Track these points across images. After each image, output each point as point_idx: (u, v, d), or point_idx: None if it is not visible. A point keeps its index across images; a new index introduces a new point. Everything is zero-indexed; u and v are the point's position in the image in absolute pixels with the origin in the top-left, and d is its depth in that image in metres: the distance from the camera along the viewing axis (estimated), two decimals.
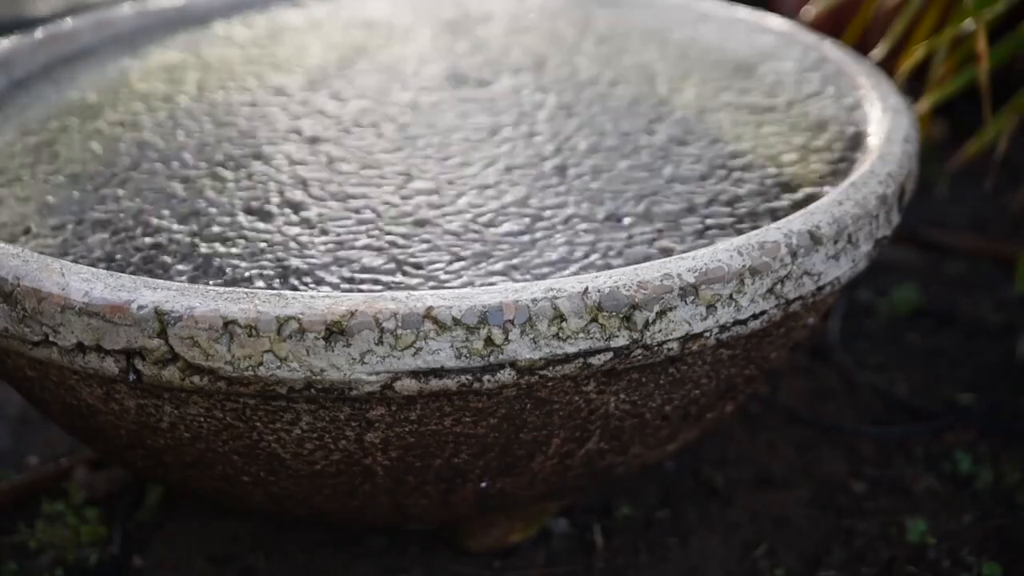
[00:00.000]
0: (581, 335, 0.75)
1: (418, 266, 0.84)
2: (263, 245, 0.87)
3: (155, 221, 0.90)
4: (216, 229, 0.89)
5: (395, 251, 0.86)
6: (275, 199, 0.93)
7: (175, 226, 0.90)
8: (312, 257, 0.85)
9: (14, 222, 0.91)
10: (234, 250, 0.86)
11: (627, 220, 0.89)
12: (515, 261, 0.85)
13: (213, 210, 0.92)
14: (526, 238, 0.87)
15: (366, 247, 0.87)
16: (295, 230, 0.89)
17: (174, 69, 1.16)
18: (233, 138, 1.02)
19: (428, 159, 0.99)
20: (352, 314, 0.72)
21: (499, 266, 0.84)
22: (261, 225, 0.89)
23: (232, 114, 1.07)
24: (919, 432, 1.15)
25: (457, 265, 0.84)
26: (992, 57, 1.17)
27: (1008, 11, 1.26)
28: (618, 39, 1.22)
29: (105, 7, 1.30)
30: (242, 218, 0.90)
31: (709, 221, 0.89)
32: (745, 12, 1.26)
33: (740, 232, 0.87)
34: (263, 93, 1.11)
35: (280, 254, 0.86)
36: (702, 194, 0.93)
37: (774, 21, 1.23)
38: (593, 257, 0.85)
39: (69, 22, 1.22)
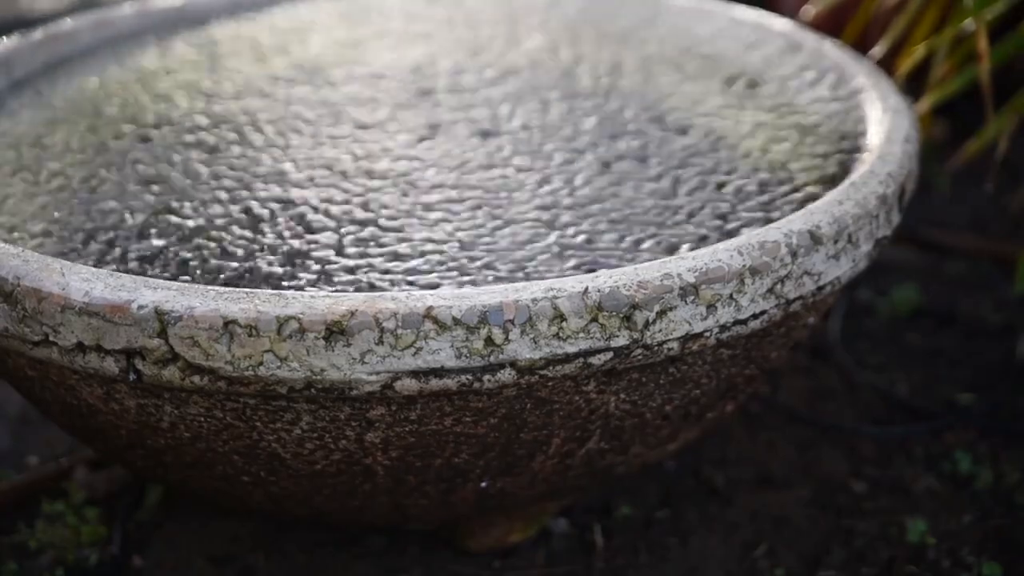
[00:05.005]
0: (581, 335, 0.75)
1: None
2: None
3: None
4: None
5: None
6: None
7: None
8: None
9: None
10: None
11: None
12: None
13: None
14: None
15: None
16: None
17: None
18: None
19: None
20: (352, 314, 0.72)
21: None
22: None
23: None
24: (919, 432, 1.15)
25: None
26: (992, 57, 1.17)
27: (1008, 11, 1.26)
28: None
29: (105, 7, 1.30)
30: None
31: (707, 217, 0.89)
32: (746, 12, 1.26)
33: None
34: None
35: None
36: (701, 191, 0.93)
37: (775, 22, 1.23)
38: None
39: (69, 22, 1.22)
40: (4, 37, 1.19)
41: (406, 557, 1.00)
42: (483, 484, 0.86)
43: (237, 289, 0.75)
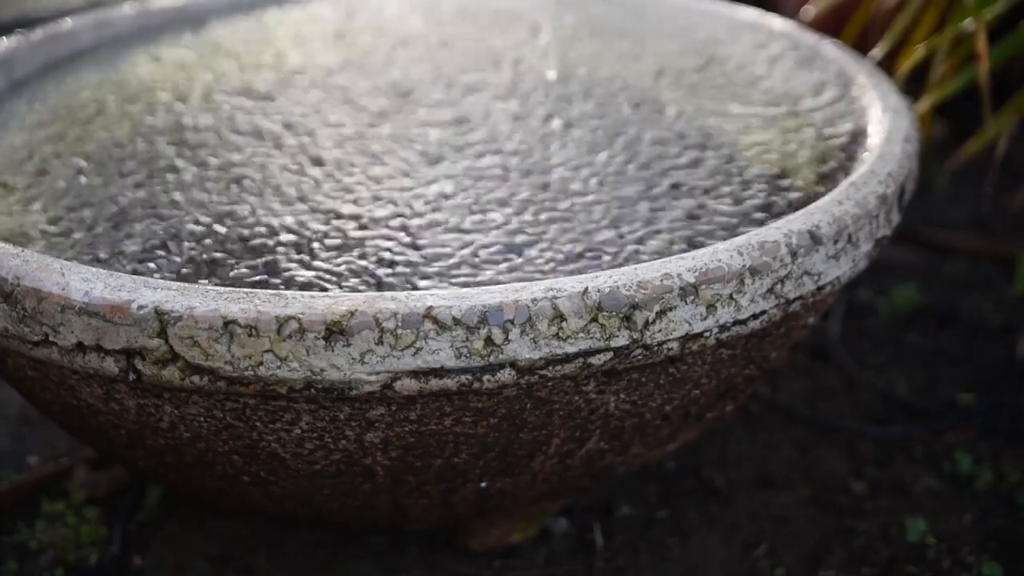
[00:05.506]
0: (581, 335, 0.75)
1: None
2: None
3: None
4: None
5: None
6: None
7: None
8: None
9: None
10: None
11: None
12: None
13: None
14: None
15: None
16: None
17: None
18: None
19: None
20: (352, 314, 0.72)
21: None
22: None
23: None
24: (919, 432, 1.15)
25: None
26: (992, 57, 1.17)
27: (1008, 11, 1.26)
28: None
29: (106, 7, 1.30)
30: None
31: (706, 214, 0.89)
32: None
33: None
34: None
35: None
36: (704, 191, 0.93)
37: (775, 22, 1.23)
38: None
39: (69, 22, 1.22)
40: (4, 37, 1.19)
41: (406, 557, 1.00)
42: (483, 484, 0.86)
43: (237, 289, 0.75)
